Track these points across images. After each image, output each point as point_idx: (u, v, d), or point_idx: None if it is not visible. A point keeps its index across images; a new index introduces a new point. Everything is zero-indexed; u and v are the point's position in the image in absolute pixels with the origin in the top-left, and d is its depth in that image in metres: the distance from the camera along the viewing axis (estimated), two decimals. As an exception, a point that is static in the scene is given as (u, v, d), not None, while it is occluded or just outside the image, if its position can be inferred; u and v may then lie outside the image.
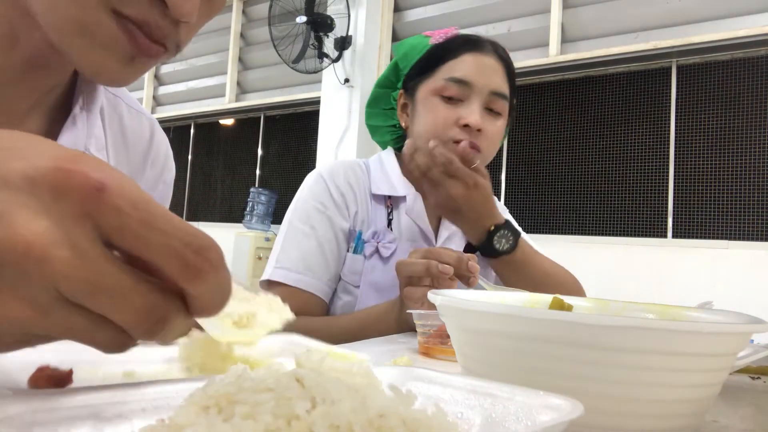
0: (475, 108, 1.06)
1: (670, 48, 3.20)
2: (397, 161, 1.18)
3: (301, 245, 1.06)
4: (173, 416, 0.25)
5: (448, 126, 1.06)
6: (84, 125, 0.62)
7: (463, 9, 3.91)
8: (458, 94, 1.07)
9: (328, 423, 0.24)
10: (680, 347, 0.37)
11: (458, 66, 1.08)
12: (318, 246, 1.06)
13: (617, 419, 0.39)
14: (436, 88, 1.08)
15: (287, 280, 1.04)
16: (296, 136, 4.87)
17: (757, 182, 3.02)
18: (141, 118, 0.75)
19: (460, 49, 1.10)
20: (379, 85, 1.23)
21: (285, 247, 1.07)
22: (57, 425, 0.27)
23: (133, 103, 0.74)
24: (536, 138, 3.67)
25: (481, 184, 1.01)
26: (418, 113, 1.12)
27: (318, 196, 1.10)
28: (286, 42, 3.83)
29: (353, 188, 1.12)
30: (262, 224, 4.49)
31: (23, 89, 0.56)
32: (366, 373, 0.32)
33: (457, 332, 0.47)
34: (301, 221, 1.08)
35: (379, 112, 1.25)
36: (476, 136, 1.05)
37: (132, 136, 0.72)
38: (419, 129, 1.10)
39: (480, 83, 1.07)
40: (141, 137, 0.74)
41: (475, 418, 0.32)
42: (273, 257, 1.08)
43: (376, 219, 1.12)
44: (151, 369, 0.42)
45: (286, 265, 1.05)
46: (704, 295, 2.13)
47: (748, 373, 0.67)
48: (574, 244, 3.37)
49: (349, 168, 1.15)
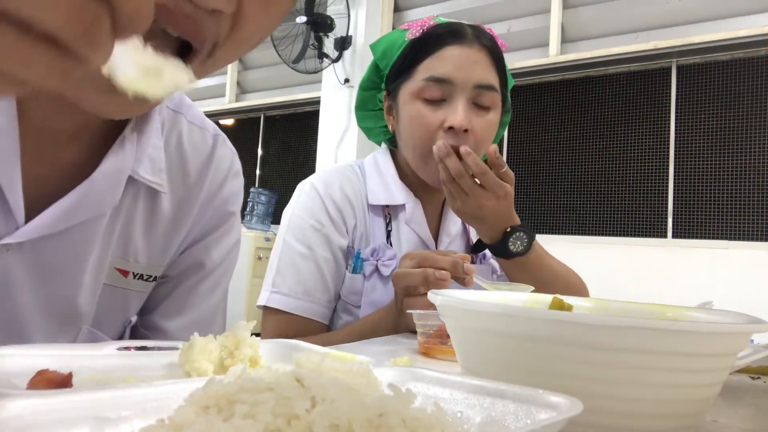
0: (459, 108, 0.99)
1: (670, 48, 3.20)
2: (393, 163, 1.13)
3: (298, 268, 1.01)
4: (173, 416, 0.25)
5: (432, 131, 1.00)
6: (133, 148, 0.59)
7: (463, 9, 3.91)
8: (440, 95, 1.00)
9: (327, 422, 0.24)
10: (680, 347, 0.37)
11: (437, 63, 1.01)
12: (316, 267, 1.01)
13: (617, 419, 0.39)
14: (415, 90, 1.01)
15: (285, 306, 1.00)
16: (296, 136, 4.87)
17: (757, 182, 3.02)
18: (203, 133, 0.72)
19: (439, 42, 1.02)
20: (363, 88, 1.17)
21: (281, 268, 1.02)
22: (57, 425, 0.27)
23: (196, 119, 0.71)
24: (536, 138, 3.67)
25: (509, 193, 0.97)
26: (401, 118, 1.06)
27: (314, 213, 1.04)
28: (286, 42, 3.83)
29: (350, 200, 1.06)
30: (262, 224, 4.49)
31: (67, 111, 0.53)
32: (366, 373, 0.32)
33: (457, 332, 0.47)
34: (297, 240, 1.03)
35: (369, 114, 1.19)
36: (463, 137, 0.98)
37: (191, 152, 0.69)
38: (405, 138, 1.05)
39: (462, 79, 0.99)
40: (200, 153, 0.71)
41: (475, 417, 0.32)
42: (268, 279, 1.03)
43: (374, 233, 1.07)
44: (151, 375, 0.42)
45: (283, 290, 1.00)
46: (704, 295, 2.13)
47: (748, 373, 0.67)
48: (574, 244, 3.37)
49: (344, 177, 1.09)
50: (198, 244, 0.72)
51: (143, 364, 0.42)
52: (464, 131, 0.99)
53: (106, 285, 0.64)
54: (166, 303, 0.72)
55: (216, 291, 0.75)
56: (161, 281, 0.70)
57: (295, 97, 4.74)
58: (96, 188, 0.56)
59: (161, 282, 0.71)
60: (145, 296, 0.70)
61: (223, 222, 0.74)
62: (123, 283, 0.65)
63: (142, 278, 0.67)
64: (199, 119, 0.72)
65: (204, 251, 0.73)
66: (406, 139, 1.06)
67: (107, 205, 0.58)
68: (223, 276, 0.76)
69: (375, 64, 1.14)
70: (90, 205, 0.56)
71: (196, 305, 0.73)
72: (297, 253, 1.02)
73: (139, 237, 0.65)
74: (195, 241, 0.72)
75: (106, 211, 0.59)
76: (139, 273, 0.66)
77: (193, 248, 0.72)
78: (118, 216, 0.62)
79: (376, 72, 1.14)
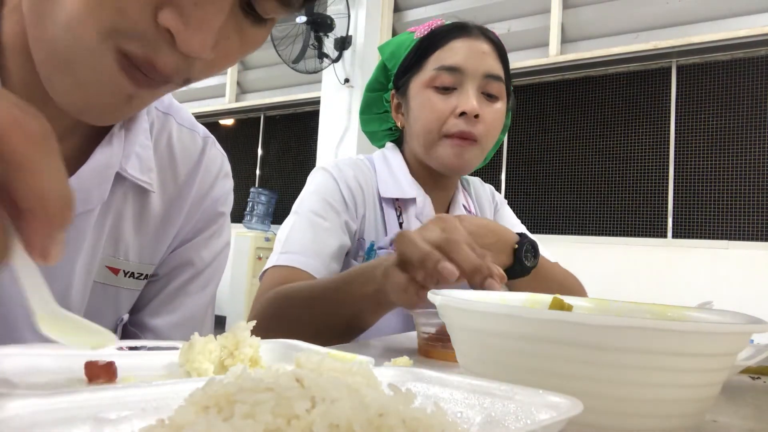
0: (471, 94, 1.02)
1: (670, 48, 3.20)
2: (403, 160, 1.14)
3: (312, 233, 0.99)
4: (173, 416, 0.25)
5: (444, 117, 1.02)
6: (120, 144, 0.60)
7: (463, 9, 3.92)
8: (451, 83, 1.03)
9: (327, 422, 0.24)
10: (680, 347, 0.37)
11: (447, 54, 1.04)
12: (326, 234, 1.00)
13: (617, 419, 0.39)
14: (427, 79, 1.04)
15: (294, 263, 0.95)
16: (296, 136, 4.87)
17: (757, 182, 3.02)
18: (193, 135, 0.73)
19: (447, 36, 1.06)
20: (370, 89, 1.19)
21: (292, 235, 1.01)
22: (57, 425, 0.27)
23: (185, 121, 0.72)
24: (536, 138, 3.67)
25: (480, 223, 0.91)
26: (412, 110, 1.08)
27: (329, 193, 1.04)
28: (286, 42, 3.83)
29: (362, 188, 1.07)
30: (262, 224, 4.50)
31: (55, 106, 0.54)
32: (365, 373, 0.32)
33: (457, 332, 0.47)
34: (311, 211, 1.02)
35: (373, 118, 1.21)
36: (474, 123, 1.01)
37: (181, 153, 0.70)
38: (416, 125, 1.07)
39: (472, 67, 1.03)
40: (190, 154, 0.72)
41: (475, 417, 0.32)
42: (278, 246, 1.01)
43: (389, 224, 1.07)
44: (151, 375, 0.42)
45: (294, 249, 0.98)
46: (704, 295, 2.13)
47: (748, 373, 0.67)
48: (574, 244, 3.37)
49: (357, 167, 1.10)
50: (188, 243, 0.73)
51: (143, 364, 0.42)
52: (475, 117, 1.02)
53: (97, 283, 0.64)
54: (155, 301, 0.72)
55: (206, 290, 0.76)
56: (151, 279, 0.71)
57: (295, 97, 4.74)
58: (84, 183, 0.57)
59: (151, 280, 0.71)
60: (137, 294, 0.70)
61: (213, 222, 0.75)
62: (114, 281, 0.66)
63: (133, 276, 0.68)
64: (189, 121, 0.73)
65: (194, 251, 0.73)
66: (417, 127, 1.07)
67: (95, 200, 0.59)
68: (213, 276, 0.77)
69: (383, 64, 1.16)
70: (78, 200, 0.57)
71: (185, 304, 0.73)
72: (308, 221, 1.01)
73: (129, 235, 0.65)
74: (185, 241, 0.73)
75: (94, 207, 0.60)
76: (130, 271, 0.67)
77: (183, 247, 0.73)
78: (107, 214, 0.62)
79: (384, 73, 1.17)
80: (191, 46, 0.43)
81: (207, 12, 0.43)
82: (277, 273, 0.96)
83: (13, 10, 0.50)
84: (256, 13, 0.48)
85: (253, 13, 0.48)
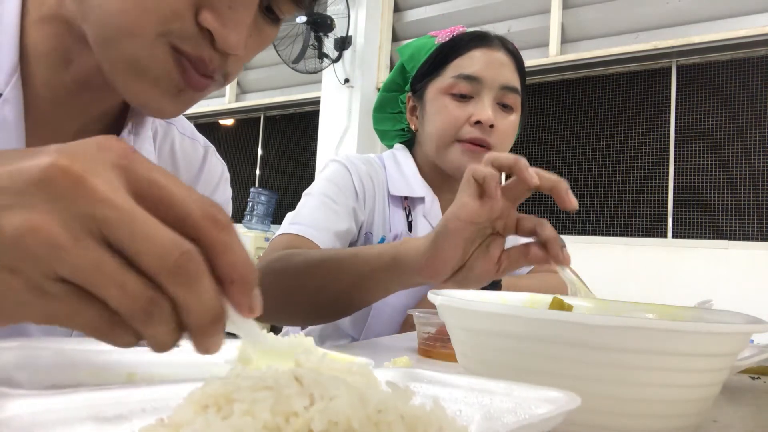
0: (487, 104, 1.05)
1: (670, 48, 3.20)
2: (413, 161, 1.16)
3: (322, 211, 1.00)
4: (172, 415, 0.25)
5: (459, 124, 1.05)
6: None
7: (463, 9, 3.91)
8: (468, 91, 1.05)
9: (326, 419, 0.24)
10: (680, 347, 0.37)
11: (467, 62, 1.07)
12: (336, 216, 1.01)
13: (617, 419, 0.39)
14: (445, 86, 1.07)
15: (303, 233, 0.96)
16: (296, 136, 4.87)
17: (757, 182, 3.02)
18: (195, 144, 0.76)
19: (468, 45, 1.09)
20: (386, 89, 1.22)
21: (302, 211, 1.02)
22: (57, 425, 0.27)
23: (187, 130, 0.75)
24: (536, 138, 3.67)
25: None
26: (428, 114, 1.10)
27: (342, 181, 1.05)
28: (286, 42, 3.83)
29: (373, 183, 1.09)
30: (262, 224, 4.49)
31: (73, 111, 0.57)
32: (365, 373, 0.32)
33: (457, 332, 0.47)
34: (322, 194, 1.03)
35: (387, 117, 1.23)
36: (488, 132, 1.04)
37: (183, 161, 0.74)
38: (430, 130, 1.09)
39: (490, 78, 1.05)
40: (192, 162, 0.75)
41: (474, 415, 0.32)
42: (288, 218, 1.02)
43: (395, 221, 1.09)
44: (152, 373, 0.42)
45: (304, 222, 0.99)
46: (704, 295, 2.13)
47: (748, 373, 0.67)
48: (574, 244, 3.36)
49: (368, 162, 1.12)
50: None
51: (143, 361, 0.42)
52: (490, 126, 1.04)
53: None
54: None
55: None
56: None
57: (295, 97, 4.73)
58: None
59: None
60: None
61: None
62: None
63: None
64: (190, 131, 0.76)
65: None
66: (431, 130, 1.09)
67: None
68: None
69: (401, 66, 1.19)
70: None
71: None
72: (320, 201, 1.02)
73: None
74: None
75: None
76: None
77: None
78: None
79: (402, 74, 1.19)
80: (229, 43, 0.49)
81: (240, 13, 0.49)
82: (286, 239, 0.98)
83: (38, 21, 0.53)
84: (274, 14, 0.55)
85: (270, 14, 0.54)
